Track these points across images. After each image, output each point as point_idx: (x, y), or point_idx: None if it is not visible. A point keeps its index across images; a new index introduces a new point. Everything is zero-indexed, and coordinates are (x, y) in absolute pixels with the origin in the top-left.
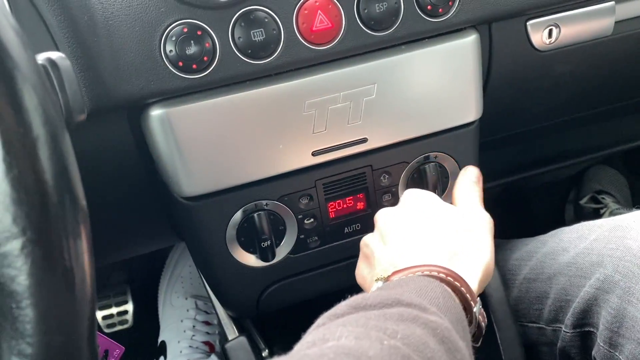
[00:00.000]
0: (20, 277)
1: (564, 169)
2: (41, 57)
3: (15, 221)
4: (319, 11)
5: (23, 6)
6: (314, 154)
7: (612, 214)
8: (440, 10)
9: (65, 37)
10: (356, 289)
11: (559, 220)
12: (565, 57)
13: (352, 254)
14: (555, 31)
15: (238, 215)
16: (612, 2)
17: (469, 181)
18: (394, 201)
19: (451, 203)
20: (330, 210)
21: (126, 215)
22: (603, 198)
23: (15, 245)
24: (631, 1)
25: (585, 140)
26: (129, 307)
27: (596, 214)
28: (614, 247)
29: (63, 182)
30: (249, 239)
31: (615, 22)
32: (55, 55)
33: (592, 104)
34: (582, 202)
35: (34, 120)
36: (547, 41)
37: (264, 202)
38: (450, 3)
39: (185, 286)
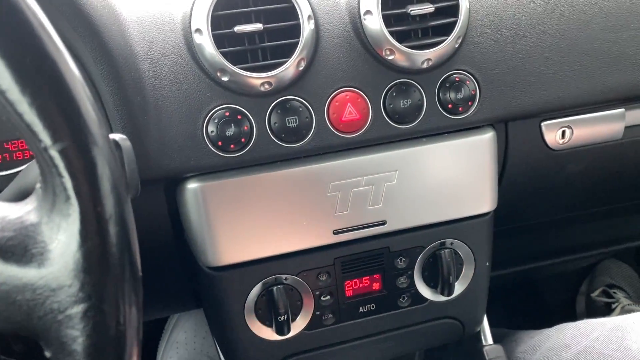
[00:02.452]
0: (81, 338)
1: (575, 261)
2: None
3: (83, 288)
4: (349, 104)
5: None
6: (335, 232)
7: (623, 309)
8: (460, 109)
9: (119, 114)
10: None
11: (570, 312)
12: (578, 157)
13: (366, 333)
14: (568, 132)
15: (258, 287)
16: (622, 109)
17: None
18: (409, 283)
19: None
20: (346, 289)
21: (150, 280)
22: (615, 292)
23: (80, 309)
24: None
25: (598, 234)
26: None
27: (608, 309)
28: (614, 348)
29: (126, 255)
30: (267, 311)
31: (626, 127)
32: (118, 136)
33: (603, 201)
34: (594, 295)
35: (108, 201)
36: (561, 141)
37: (284, 276)
38: (469, 103)
39: (179, 352)
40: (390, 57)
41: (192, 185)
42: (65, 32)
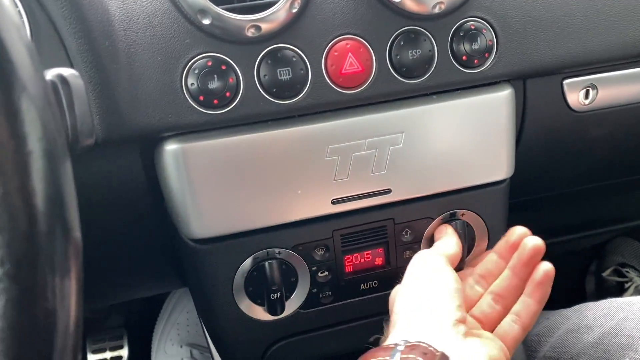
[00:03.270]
0: None
1: (585, 239)
2: (52, 73)
3: None
4: (350, 54)
5: (42, 24)
6: (334, 202)
7: (637, 289)
8: (475, 61)
9: (84, 61)
10: None
11: (579, 292)
12: (602, 120)
13: (367, 313)
14: (592, 92)
15: (248, 262)
16: None
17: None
18: None
19: (473, 265)
20: (346, 264)
21: (128, 254)
22: (627, 272)
23: None
24: None
25: (610, 211)
26: (124, 352)
27: (620, 288)
28: None
29: (55, 208)
30: (258, 289)
31: None
32: (67, 72)
33: (625, 170)
34: (605, 274)
35: (29, 134)
36: (584, 102)
37: (277, 250)
38: (486, 55)
39: (181, 333)
40: (397, 0)
41: (171, 147)
42: None
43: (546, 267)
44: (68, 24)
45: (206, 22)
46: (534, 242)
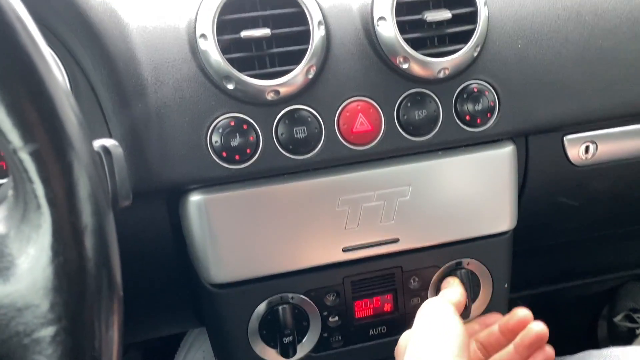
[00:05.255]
0: None
1: (597, 284)
2: (96, 144)
3: (53, 308)
4: (360, 114)
5: (82, 88)
6: (345, 250)
7: None
8: (478, 121)
9: (119, 121)
10: None
11: (591, 337)
12: (602, 174)
13: (376, 357)
14: (592, 147)
15: (262, 306)
16: None
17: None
18: None
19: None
20: (356, 310)
21: (150, 296)
22: (639, 317)
23: (49, 332)
24: None
25: (620, 256)
26: None
27: (631, 334)
28: None
29: (104, 271)
30: (271, 332)
31: None
32: (109, 142)
33: (628, 221)
34: (617, 319)
35: (85, 210)
36: (584, 157)
37: (290, 295)
38: (488, 115)
39: None
40: (405, 66)
41: (195, 198)
42: (64, 35)
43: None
44: (106, 88)
45: (230, 86)
46: (539, 328)
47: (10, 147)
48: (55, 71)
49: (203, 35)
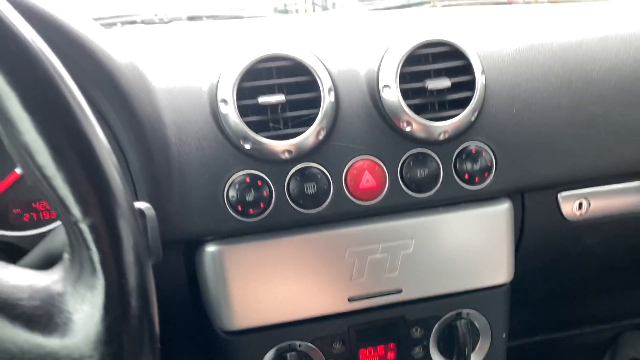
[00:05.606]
0: None
1: (596, 333)
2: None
3: (103, 359)
4: (366, 171)
5: (112, 148)
6: (350, 299)
7: None
8: (476, 179)
9: (145, 179)
10: None
11: None
12: (595, 229)
13: None
14: (585, 204)
15: (271, 353)
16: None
17: None
18: (425, 354)
19: None
20: (361, 358)
21: (163, 342)
22: None
23: None
24: None
25: (619, 305)
26: None
27: None
28: None
29: (146, 324)
30: None
31: None
32: (143, 205)
33: (623, 273)
34: None
35: (132, 273)
36: (578, 213)
37: (298, 343)
38: (486, 174)
39: None
40: (408, 129)
41: (211, 249)
42: (96, 99)
43: None
44: (133, 148)
45: (247, 146)
46: None
47: (72, 219)
48: (107, 147)
49: (224, 101)
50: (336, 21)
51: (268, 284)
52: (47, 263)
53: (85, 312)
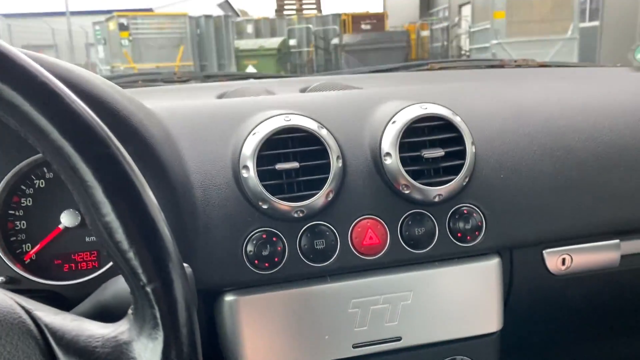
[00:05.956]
0: None
1: None
2: None
3: None
4: (370, 229)
5: None
6: (355, 346)
7: None
8: (468, 237)
9: (175, 236)
10: None
11: None
12: (578, 282)
13: None
14: (568, 259)
15: None
16: (617, 240)
17: None
18: None
19: None
20: None
21: None
22: None
23: None
24: (635, 240)
25: (605, 352)
26: None
27: None
28: None
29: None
30: None
31: (622, 256)
32: (185, 266)
33: (605, 323)
34: None
35: (185, 326)
36: (561, 267)
37: None
38: (477, 232)
39: None
40: (407, 192)
41: (229, 298)
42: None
43: None
44: (168, 210)
45: (265, 207)
46: None
47: (140, 284)
48: (167, 226)
49: (245, 167)
50: (344, 96)
51: (280, 331)
52: (97, 313)
53: (147, 358)
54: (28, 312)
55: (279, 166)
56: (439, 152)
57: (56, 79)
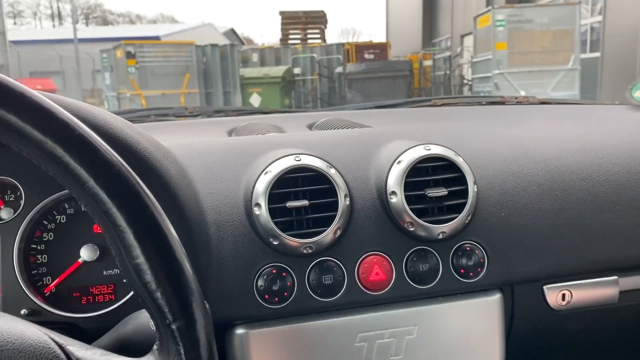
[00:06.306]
0: None
1: None
2: None
3: None
4: (376, 265)
5: None
6: None
7: None
8: (471, 273)
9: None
10: None
11: None
12: (578, 317)
13: None
14: (567, 295)
15: None
16: (616, 277)
17: None
18: None
19: None
20: None
21: None
22: None
23: None
24: (634, 276)
25: None
26: None
27: None
28: None
29: None
30: None
31: (620, 292)
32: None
33: (605, 357)
34: None
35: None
36: (561, 303)
37: None
38: (479, 269)
39: None
40: (412, 229)
41: (239, 331)
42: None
43: None
44: (184, 246)
45: (275, 243)
46: None
47: (166, 322)
48: (190, 267)
49: (257, 205)
50: (351, 134)
51: None
52: (119, 346)
53: None
54: (61, 347)
55: (290, 204)
56: (443, 191)
57: (90, 129)
